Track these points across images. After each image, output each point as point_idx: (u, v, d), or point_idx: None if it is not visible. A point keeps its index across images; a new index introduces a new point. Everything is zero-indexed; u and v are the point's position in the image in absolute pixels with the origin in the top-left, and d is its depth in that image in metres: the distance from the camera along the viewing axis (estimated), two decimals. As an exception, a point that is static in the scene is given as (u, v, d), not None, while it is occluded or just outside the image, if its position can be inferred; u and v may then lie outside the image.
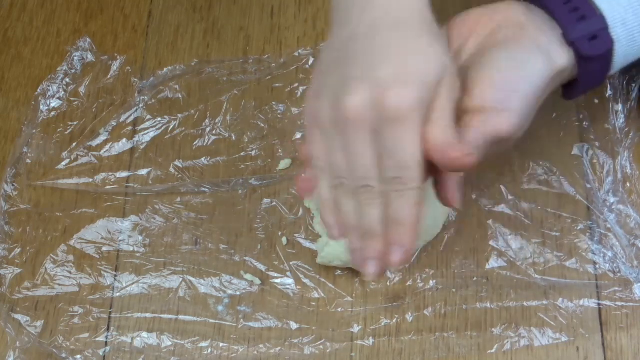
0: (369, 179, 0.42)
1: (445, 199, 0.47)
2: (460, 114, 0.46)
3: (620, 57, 0.48)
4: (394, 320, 0.57)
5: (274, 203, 0.62)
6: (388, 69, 0.41)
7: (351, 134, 0.42)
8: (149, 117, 0.66)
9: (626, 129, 0.60)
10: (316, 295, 0.59)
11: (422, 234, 0.57)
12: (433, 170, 0.46)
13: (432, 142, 0.41)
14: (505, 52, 0.46)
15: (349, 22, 0.44)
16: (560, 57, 0.47)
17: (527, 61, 0.46)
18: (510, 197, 0.59)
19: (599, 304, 0.56)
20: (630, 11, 0.47)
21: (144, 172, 0.64)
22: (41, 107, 0.68)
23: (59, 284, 0.61)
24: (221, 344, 0.58)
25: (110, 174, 0.65)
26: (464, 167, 0.42)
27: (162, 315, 0.59)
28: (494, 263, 0.58)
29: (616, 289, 0.56)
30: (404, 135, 0.41)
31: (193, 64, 0.68)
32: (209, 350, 0.58)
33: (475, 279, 0.58)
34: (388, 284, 0.58)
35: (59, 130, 0.67)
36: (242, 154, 0.64)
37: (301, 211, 0.61)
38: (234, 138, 0.64)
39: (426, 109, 0.41)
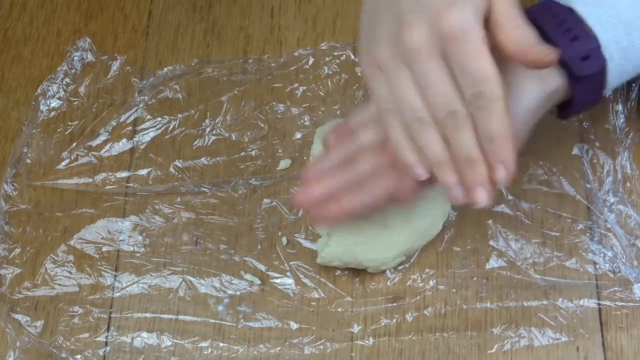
0: (452, 103, 0.42)
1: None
2: None
3: (615, 76, 0.48)
4: (394, 320, 0.57)
5: (274, 203, 0.62)
6: None
7: (420, 64, 0.42)
8: (149, 117, 0.66)
9: (626, 129, 0.60)
10: (316, 295, 0.59)
11: (422, 234, 0.57)
12: (419, 186, 0.46)
13: (511, 45, 0.41)
14: None
15: None
16: (553, 79, 0.48)
17: (520, 83, 0.47)
18: (510, 197, 0.59)
19: (599, 304, 0.56)
20: (622, 31, 0.47)
21: (144, 172, 0.64)
22: (41, 107, 0.68)
23: (59, 284, 0.61)
24: (221, 344, 0.58)
25: (110, 174, 0.65)
26: (549, 64, 0.42)
27: (162, 315, 0.59)
28: (494, 263, 0.58)
29: (616, 289, 0.56)
30: (473, 49, 0.41)
31: (193, 64, 0.68)
32: (209, 350, 0.58)
33: (475, 279, 0.58)
34: (388, 284, 0.58)
35: (59, 130, 0.67)
36: (242, 154, 0.64)
37: (301, 211, 0.61)
38: (234, 138, 0.64)
39: (483, 20, 0.41)
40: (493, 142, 0.42)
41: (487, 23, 0.42)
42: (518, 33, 0.42)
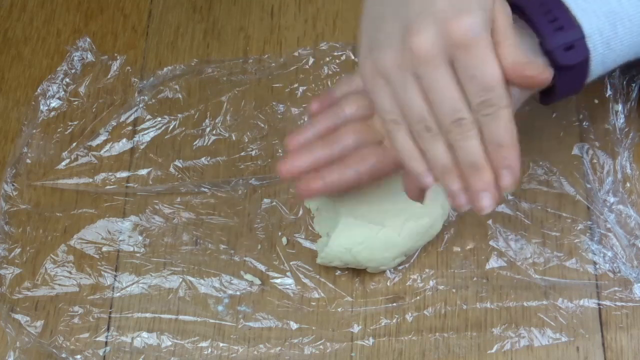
0: (459, 110, 0.42)
1: (410, 193, 0.48)
2: None
3: (598, 65, 0.49)
4: (394, 320, 0.57)
5: (274, 203, 0.62)
6: (445, 1, 0.41)
7: (428, 72, 0.42)
8: (149, 117, 0.66)
9: (626, 129, 0.60)
10: (316, 295, 0.59)
11: (422, 234, 0.57)
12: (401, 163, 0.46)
13: (504, 62, 0.42)
14: None
15: None
16: None
17: None
18: (510, 197, 0.59)
19: (599, 304, 0.56)
20: (606, 21, 0.47)
21: (144, 172, 0.64)
22: (41, 107, 0.68)
23: (59, 284, 0.61)
24: (221, 344, 0.58)
25: (110, 174, 0.65)
26: (542, 83, 0.42)
27: (162, 315, 0.59)
28: (494, 263, 0.58)
29: (616, 289, 0.56)
30: (481, 57, 0.41)
31: (193, 64, 0.68)
32: (209, 350, 0.58)
33: (475, 279, 0.58)
34: (388, 284, 0.58)
35: (59, 130, 0.67)
36: (242, 154, 0.64)
37: (301, 211, 0.61)
38: (234, 138, 0.65)
39: (490, 29, 0.41)
40: (499, 148, 0.42)
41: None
42: (515, 50, 0.42)
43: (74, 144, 0.66)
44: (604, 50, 0.48)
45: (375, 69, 0.44)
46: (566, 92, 0.50)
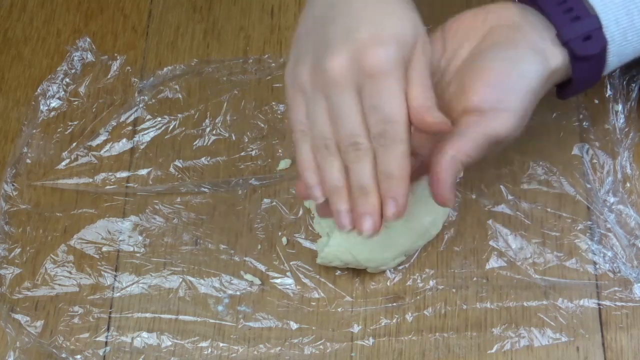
0: (357, 135, 0.43)
1: (439, 198, 0.48)
2: (460, 115, 0.46)
3: (615, 57, 0.49)
4: (394, 320, 0.57)
5: (274, 203, 0.62)
6: (366, 30, 0.42)
7: (335, 94, 0.43)
8: (149, 117, 0.66)
9: (626, 129, 0.60)
10: (316, 295, 0.59)
11: (422, 234, 0.57)
12: (428, 169, 0.46)
13: (410, 103, 0.43)
14: (500, 52, 0.47)
15: None
16: (555, 57, 0.48)
17: (522, 61, 0.47)
18: (510, 197, 0.59)
19: (599, 304, 0.56)
20: (623, 11, 0.47)
21: (144, 172, 0.64)
22: (41, 107, 0.68)
23: (59, 284, 0.61)
24: (221, 344, 0.58)
25: (110, 174, 0.65)
26: (440, 132, 0.44)
27: (162, 315, 0.59)
28: (494, 263, 0.58)
29: (616, 289, 0.56)
30: (387, 90, 0.42)
31: (193, 64, 0.68)
32: (209, 350, 0.58)
33: (475, 279, 0.58)
34: (388, 284, 0.58)
35: (59, 130, 0.67)
36: (242, 154, 0.64)
37: (301, 211, 0.61)
38: (234, 138, 0.64)
39: (405, 67, 0.43)
40: (389, 179, 0.43)
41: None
42: (424, 93, 0.43)
43: (74, 144, 0.66)
44: (621, 41, 0.48)
45: (295, 82, 0.46)
46: (583, 85, 0.50)
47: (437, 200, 0.47)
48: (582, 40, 0.47)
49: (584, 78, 0.49)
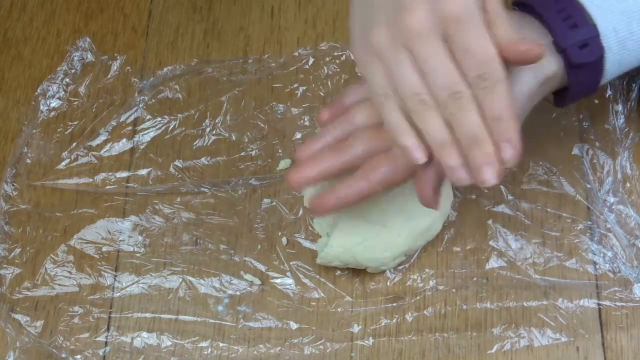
0: (457, 83, 0.42)
1: (423, 199, 0.48)
2: None
3: (613, 66, 0.48)
4: (394, 320, 0.57)
5: (274, 203, 0.62)
6: None
7: (422, 47, 0.42)
8: (149, 117, 0.66)
9: (626, 129, 0.60)
10: (316, 295, 0.59)
11: (422, 234, 0.57)
12: (414, 171, 0.47)
13: (498, 41, 0.41)
14: None
15: None
16: (550, 64, 0.48)
17: (516, 67, 0.47)
18: (510, 197, 0.59)
19: (598, 304, 0.56)
20: (622, 20, 0.47)
21: (144, 172, 0.64)
22: (41, 107, 0.68)
23: (59, 284, 0.61)
24: (221, 344, 0.58)
25: (110, 174, 0.65)
26: (537, 57, 0.42)
27: (162, 315, 0.59)
28: (494, 263, 0.58)
29: (616, 289, 0.56)
30: (475, 30, 0.41)
31: (193, 64, 0.68)
32: (209, 350, 0.58)
33: (475, 279, 0.58)
34: (388, 284, 0.58)
35: (59, 130, 0.67)
36: (242, 154, 0.64)
37: (301, 211, 0.61)
38: (234, 138, 0.65)
39: (481, 10, 0.41)
40: (498, 121, 0.42)
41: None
42: (507, 28, 0.42)
43: (74, 144, 0.66)
44: (620, 50, 0.48)
45: (368, 48, 0.44)
46: (580, 93, 0.50)
47: (423, 202, 0.48)
48: (579, 47, 0.47)
49: (580, 86, 0.49)
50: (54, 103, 0.68)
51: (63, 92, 0.68)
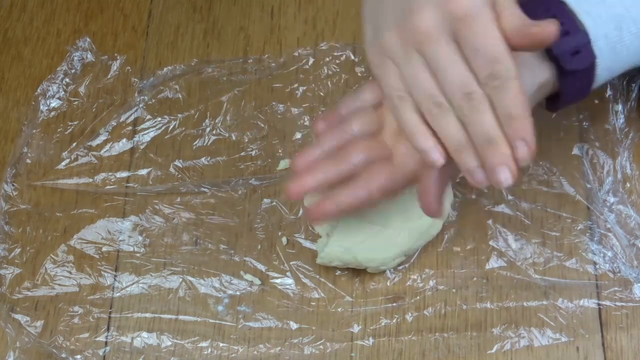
0: (469, 84, 0.42)
1: (427, 210, 0.48)
2: None
3: (604, 71, 0.49)
4: (394, 320, 0.57)
5: (274, 203, 0.62)
6: None
7: (432, 48, 0.42)
8: (149, 117, 0.66)
9: (626, 129, 0.60)
10: (316, 295, 0.59)
11: (422, 234, 0.57)
12: (417, 178, 0.46)
13: (510, 29, 0.41)
14: None
15: None
16: (543, 72, 0.48)
17: None
18: (510, 197, 0.59)
19: (598, 304, 0.56)
20: (612, 26, 0.47)
21: (144, 172, 0.64)
22: (41, 107, 0.68)
23: (59, 284, 0.61)
24: (221, 344, 0.58)
25: (110, 174, 0.65)
26: (550, 38, 0.41)
27: (162, 315, 0.59)
28: (494, 263, 0.58)
29: (616, 289, 0.56)
30: (484, 28, 0.41)
31: (193, 64, 0.68)
32: (209, 350, 0.58)
33: (475, 279, 0.58)
34: (388, 284, 0.58)
35: (59, 130, 0.67)
36: (242, 154, 0.64)
37: (301, 211, 0.61)
38: (234, 138, 0.65)
39: (490, 4, 0.41)
40: (512, 120, 0.41)
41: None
42: (516, 16, 0.42)
43: (74, 144, 0.66)
44: (610, 55, 0.48)
45: (381, 50, 0.44)
46: (572, 98, 0.50)
47: (426, 212, 0.48)
48: (571, 54, 0.47)
49: (572, 92, 0.49)
50: (54, 103, 0.68)
51: (63, 92, 0.68)
